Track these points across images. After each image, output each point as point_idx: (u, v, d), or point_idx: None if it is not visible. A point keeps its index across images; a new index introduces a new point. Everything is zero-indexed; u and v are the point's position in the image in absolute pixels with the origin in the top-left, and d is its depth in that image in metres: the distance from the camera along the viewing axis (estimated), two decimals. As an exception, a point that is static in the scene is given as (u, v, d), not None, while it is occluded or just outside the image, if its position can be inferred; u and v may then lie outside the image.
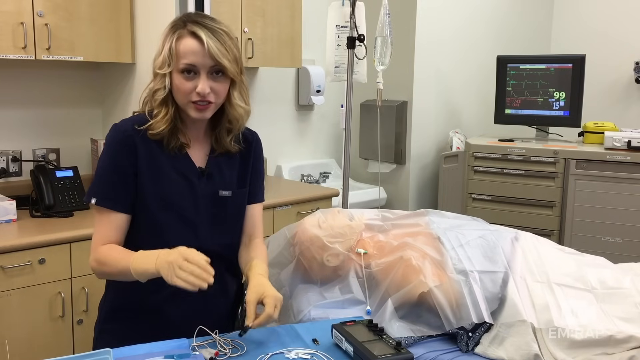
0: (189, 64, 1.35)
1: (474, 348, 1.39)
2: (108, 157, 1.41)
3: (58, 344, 2.09)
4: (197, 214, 1.45)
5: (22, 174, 2.52)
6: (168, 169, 1.42)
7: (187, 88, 1.36)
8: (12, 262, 1.96)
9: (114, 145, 1.41)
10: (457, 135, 3.64)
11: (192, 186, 1.44)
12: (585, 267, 1.55)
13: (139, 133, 1.39)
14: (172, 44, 1.36)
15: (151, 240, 1.41)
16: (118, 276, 1.37)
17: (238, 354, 1.27)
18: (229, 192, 1.49)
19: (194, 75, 1.36)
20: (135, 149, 1.39)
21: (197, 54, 1.35)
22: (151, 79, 1.43)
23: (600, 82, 4.13)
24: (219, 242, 1.48)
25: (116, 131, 1.41)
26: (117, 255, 1.36)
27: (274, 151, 3.28)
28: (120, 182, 1.39)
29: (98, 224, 1.42)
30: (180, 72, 1.36)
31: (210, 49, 1.34)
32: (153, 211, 1.41)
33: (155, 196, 1.41)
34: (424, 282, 1.45)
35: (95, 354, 1.15)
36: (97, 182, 1.42)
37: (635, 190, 3.11)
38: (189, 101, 1.38)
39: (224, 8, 2.62)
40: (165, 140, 1.41)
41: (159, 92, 1.39)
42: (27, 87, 2.53)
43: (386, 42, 2.43)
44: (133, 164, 1.40)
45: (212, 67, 1.36)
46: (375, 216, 1.76)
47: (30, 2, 2.17)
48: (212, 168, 1.48)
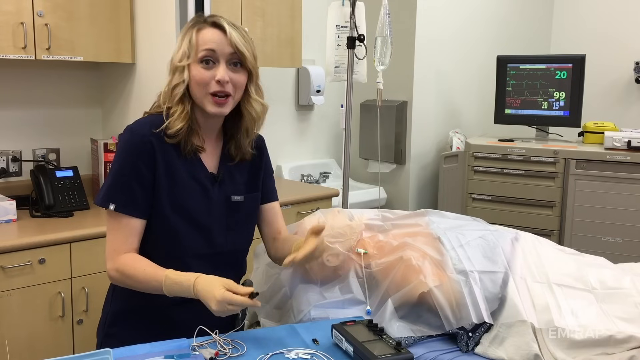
0: (209, 49, 1.36)
1: (474, 348, 1.39)
2: (125, 161, 1.38)
3: (58, 344, 2.09)
4: (210, 219, 1.45)
5: (22, 174, 2.52)
6: (183, 174, 1.41)
7: (206, 77, 1.36)
8: (12, 262, 1.96)
9: (131, 149, 1.38)
10: (457, 135, 3.64)
11: (205, 191, 1.44)
12: (585, 267, 1.55)
13: (156, 136, 1.38)
14: (193, 36, 1.38)
15: (164, 244, 1.41)
16: (144, 291, 1.36)
17: (238, 354, 1.27)
18: (240, 197, 1.49)
19: (212, 65, 1.37)
20: (154, 153, 1.37)
21: (218, 41, 1.36)
22: (168, 78, 1.42)
23: (600, 82, 4.13)
24: (231, 246, 1.49)
25: (133, 134, 1.39)
26: (145, 274, 1.33)
27: (274, 151, 3.23)
28: (139, 188, 1.37)
29: (114, 230, 1.39)
30: (199, 62, 1.36)
31: (232, 37, 1.36)
32: (167, 216, 1.40)
33: (171, 201, 1.40)
34: (424, 282, 1.45)
35: (95, 354, 1.15)
36: (114, 187, 1.38)
37: (635, 190, 3.11)
38: (207, 93, 1.37)
39: (224, 8, 2.62)
40: (182, 144, 1.40)
41: (178, 87, 1.39)
42: (27, 87, 2.53)
43: (386, 42, 2.43)
44: (151, 169, 1.38)
45: (232, 55, 1.37)
46: (375, 216, 1.76)
47: (30, 2, 2.17)
48: (224, 173, 1.48)
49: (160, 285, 1.31)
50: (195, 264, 1.41)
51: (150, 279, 1.32)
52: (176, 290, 1.30)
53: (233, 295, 1.23)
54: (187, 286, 1.28)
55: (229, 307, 1.23)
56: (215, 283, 1.26)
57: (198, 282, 1.27)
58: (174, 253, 1.42)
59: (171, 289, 1.31)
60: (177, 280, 1.30)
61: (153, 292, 1.33)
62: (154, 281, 1.32)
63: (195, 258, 1.43)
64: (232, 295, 1.23)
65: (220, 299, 1.22)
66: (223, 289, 1.24)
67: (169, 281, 1.30)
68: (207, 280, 1.28)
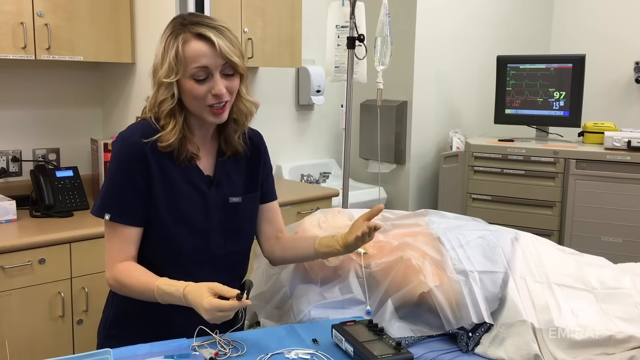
0: (202, 67, 1.32)
1: (474, 348, 1.39)
2: (119, 171, 1.37)
3: (58, 344, 2.09)
4: (208, 222, 1.43)
5: (22, 174, 2.52)
6: (179, 180, 1.40)
7: (202, 92, 1.33)
8: (12, 262, 1.96)
9: (124, 157, 1.36)
10: (457, 135, 3.64)
11: (203, 195, 1.43)
12: (585, 267, 1.55)
13: (148, 144, 1.35)
14: (179, 50, 1.31)
15: (163, 250, 1.41)
16: (141, 299, 1.36)
17: (238, 354, 1.27)
18: (238, 198, 1.48)
19: (206, 78, 1.33)
20: (147, 161, 1.36)
21: (209, 55, 1.32)
22: (153, 89, 1.37)
23: (600, 82, 4.13)
24: (231, 249, 1.48)
25: (125, 142, 1.37)
26: (139, 284, 1.33)
27: (274, 151, 3.23)
28: (135, 197, 1.36)
29: (111, 239, 1.38)
30: (190, 78, 1.33)
31: (221, 49, 1.31)
32: (165, 222, 1.39)
33: (168, 207, 1.39)
34: (424, 282, 1.45)
35: (95, 354, 1.15)
36: (109, 197, 1.37)
37: (635, 190, 3.11)
38: (204, 106, 1.35)
39: (224, 8, 2.62)
40: (175, 153, 1.38)
41: (165, 102, 1.35)
42: (27, 87, 2.53)
43: (386, 42, 2.44)
44: (146, 177, 1.36)
45: (224, 66, 1.34)
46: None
47: (30, 2, 2.17)
48: (220, 175, 1.46)
49: (154, 295, 1.30)
50: (195, 269, 1.41)
51: (144, 288, 1.32)
52: (168, 300, 1.30)
53: (221, 301, 1.21)
54: (177, 297, 1.28)
55: (218, 314, 1.21)
56: (202, 291, 1.24)
57: (187, 292, 1.26)
58: (174, 258, 1.41)
59: (163, 299, 1.30)
60: (167, 290, 1.29)
61: (150, 301, 1.33)
62: (147, 291, 1.31)
63: (195, 263, 1.43)
64: (220, 302, 1.21)
65: (209, 307, 1.21)
66: (210, 296, 1.23)
67: (160, 291, 1.30)
68: (194, 289, 1.26)
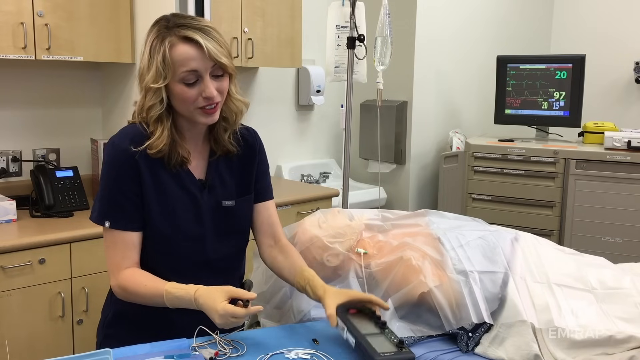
0: (191, 70, 1.31)
1: (474, 348, 1.39)
2: (111, 178, 1.37)
3: (58, 344, 2.09)
4: (202, 227, 1.43)
5: (22, 174, 2.52)
6: (171, 185, 1.40)
7: (192, 96, 1.32)
8: (12, 262, 1.96)
9: (115, 163, 1.36)
10: (457, 135, 3.64)
11: (195, 200, 1.42)
12: (585, 267, 1.55)
13: (138, 151, 1.35)
14: (166, 54, 1.30)
15: (158, 254, 1.41)
16: (149, 305, 1.36)
17: (238, 354, 1.27)
18: (232, 202, 1.47)
19: (196, 82, 1.33)
20: (138, 167, 1.36)
21: (197, 58, 1.31)
22: (141, 94, 1.36)
23: (600, 82, 4.13)
24: (226, 252, 1.48)
25: (115, 148, 1.37)
26: (146, 290, 1.33)
27: (274, 151, 3.28)
28: (129, 201, 1.36)
29: (113, 246, 1.38)
30: (180, 82, 1.32)
31: (210, 52, 1.30)
32: (159, 226, 1.39)
33: (161, 212, 1.39)
34: (424, 282, 1.45)
35: (95, 354, 1.15)
36: (106, 204, 1.37)
37: (635, 190, 3.11)
38: (196, 107, 1.34)
39: (224, 8, 2.62)
40: (165, 159, 1.38)
41: (154, 108, 1.34)
42: (27, 87, 2.53)
43: (386, 42, 2.43)
44: (137, 183, 1.36)
45: (214, 68, 1.33)
46: (375, 216, 1.76)
47: (30, 2, 2.17)
48: (213, 178, 1.45)
49: (162, 300, 1.30)
50: (191, 272, 1.40)
51: (152, 294, 1.32)
52: (178, 303, 1.30)
53: (235, 308, 1.22)
54: (187, 300, 1.28)
55: (231, 319, 1.22)
56: (217, 295, 1.24)
57: (199, 295, 1.26)
58: (169, 262, 1.41)
59: (173, 303, 1.30)
60: (177, 294, 1.29)
61: (158, 306, 1.33)
62: (156, 296, 1.31)
63: (190, 266, 1.43)
64: (235, 308, 1.22)
65: (223, 312, 1.22)
66: (225, 301, 1.23)
67: (170, 296, 1.30)
68: (207, 292, 1.26)
